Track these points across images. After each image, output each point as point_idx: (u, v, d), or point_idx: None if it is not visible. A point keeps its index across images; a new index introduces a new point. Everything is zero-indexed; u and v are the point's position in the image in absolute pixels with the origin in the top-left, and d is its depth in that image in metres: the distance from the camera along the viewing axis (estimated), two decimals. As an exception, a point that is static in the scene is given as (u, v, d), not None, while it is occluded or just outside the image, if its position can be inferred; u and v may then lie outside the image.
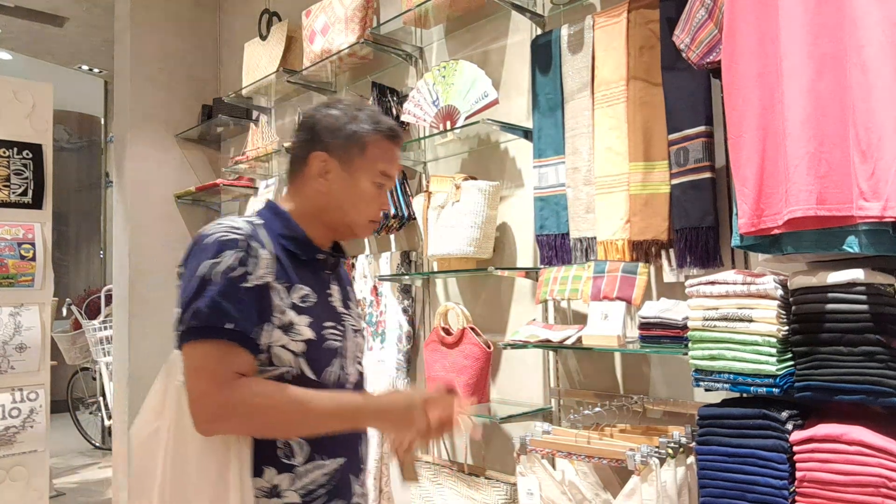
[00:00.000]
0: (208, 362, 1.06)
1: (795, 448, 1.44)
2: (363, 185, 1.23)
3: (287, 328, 1.13)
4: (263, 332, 1.11)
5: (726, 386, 1.54)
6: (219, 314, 1.06)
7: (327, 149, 1.22)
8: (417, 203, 2.42)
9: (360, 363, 1.30)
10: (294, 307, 1.15)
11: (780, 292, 1.48)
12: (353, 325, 1.28)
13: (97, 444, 6.10)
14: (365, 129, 1.23)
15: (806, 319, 1.45)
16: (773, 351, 1.46)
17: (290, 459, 1.14)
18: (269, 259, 1.13)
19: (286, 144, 2.93)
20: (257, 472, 1.12)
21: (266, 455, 1.13)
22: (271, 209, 1.25)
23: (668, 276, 1.93)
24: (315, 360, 1.16)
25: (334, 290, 1.27)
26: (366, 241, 2.96)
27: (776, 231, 1.46)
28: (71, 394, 6.32)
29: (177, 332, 1.09)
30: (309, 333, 1.15)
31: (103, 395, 5.51)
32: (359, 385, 1.29)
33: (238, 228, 1.13)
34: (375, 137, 1.23)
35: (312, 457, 1.15)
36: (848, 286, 1.39)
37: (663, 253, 1.91)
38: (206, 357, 1.06)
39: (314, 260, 1.24)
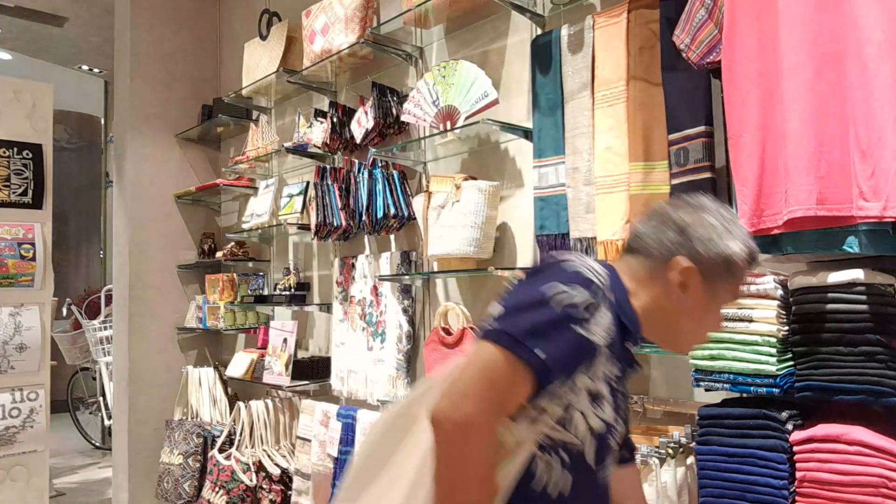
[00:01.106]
0: (495, 374, 0.95)
1: (795, 448, 1.44)
2: (713, 308, 1.11)
3: (595, 398, 1.03)
4: (568, 387, 1.00)
5: (726, 386, 1.54)
6: (537, 338, 0.95)
7: (695, 260, 1.07)
8: (417, 203, 2.42)
9: (607, 466, 1.13)
10: (607, 380, 1.04)
11: (780, 292, 1.48)
12: (617, 430, 1.13)
13: (97, 444, 6.10)
14: (739, 251, 1.08)
15: (806, 319, 1.45)
16: (773, 351, 1.46)
17: None
18: (610, 324, 1.02)
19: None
20: None
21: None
22: (615, 278, 1.10)
23: (668, 276, 1.92)
24: (600, 448, 1.06)
25: (623, 386, 1.14)
26: (366, 240, 2.96)
27: (776, 231, 1.46)
28: (71, 394, 6.32)
29: (487, 326, 0.99)
30: (609, 416, 1.05)
31: (103, 395, 5.51)
32: (608, 487, 1.14)
33: (599, 275, 1.03)
34: (744, 263, 1.09)
35: None
36: (848, 286, 1.39)
37: (663, 253, 1.91)
38: (497, 367, 0.95)
39: (628, 349, 1.12)
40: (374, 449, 1.11)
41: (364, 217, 2.62)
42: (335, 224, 2.74)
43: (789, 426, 1.46)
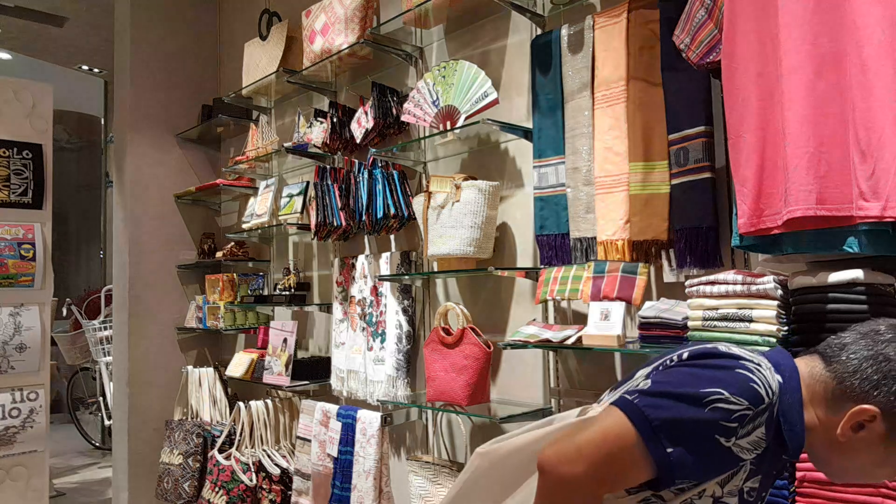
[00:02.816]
0: (616, 450, 0.90)
1: (795, 448, 1.44)
2: (888, 465, 0.98)
3: (716, 501, 0.98)
4: (695, 487, 0.96)
5: (726, 386, 1.54)
6: (673, 434, 0.89)
7: (884, 407, 0.95)
8: (417, 203, 2.42)
9: None
10: (740, 493, 0.99)
11: (780, 292, 1.48)
12: None
13: (97, 444, 6.11)
14: None
15: (806, 319, 1.45)
16: (773, 351, 1.46)
17: None
18: (762, 437, 0.94)
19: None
20: None
21: None
22: (793, 382, 1.00)
23: (668, 276, 1.93)
24: None
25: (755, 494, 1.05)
26: (366, 240, 2.96)
27: (776, 231, 1.46)
28: (71, 394, 6.33)
29: (629, 397, 0.94)
30: None
31: (103, 395, 5.51)
32: None
33: (770, 390, 0.94)
34: None
35: None
36: (848, 286, 1.39)
37: (663, 253, 1.91)
38: (621, 444, 0.90)
39: (779, 461, 1.02)
40: (494, 471, 1.07)
41: (364, 217, 2.62)
42: (335, 224, 2.74)
43: (789, 426, 1.46)
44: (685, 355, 1.01)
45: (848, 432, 0.97)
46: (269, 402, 3.19)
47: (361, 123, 2.72)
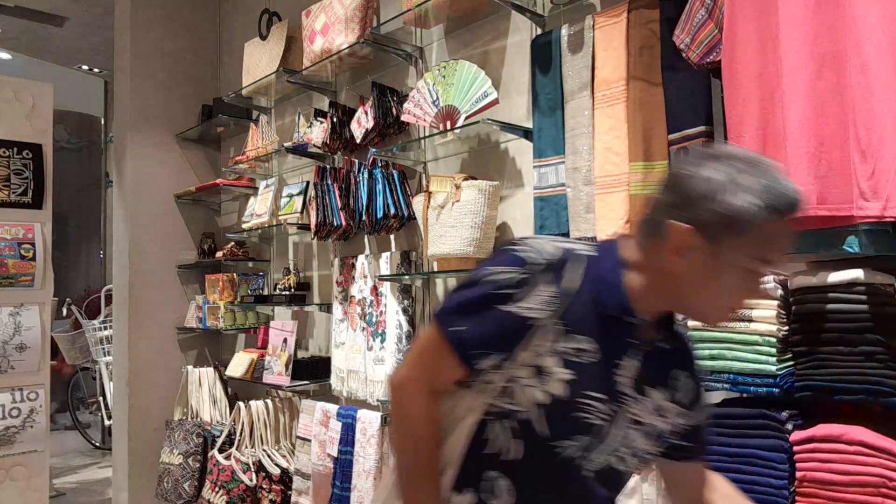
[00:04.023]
0: (428, 352, 1.08)
1: (795, 448, 1.44)
2: (729, 271, 0.95)
3: (539, 371, 1.01)
4: (510, 361, 1.02)
5: (726, 386, 1.54)
6: (460, 315, 1.04)
7: (694, 221, 0.94)
8: (417, 203, 2.42)
9: (620, 458, 1.07)
10: (562, 356, 1.01)
11: (780, 292, 1.48)
12: (633, 415, 1.05)
13: (97, 444, 6.10)
14: (747, 206, 0.91)
15: (806, 319, 1.45)
16: (773, 351, 1.46)
17: (491, 498, 1.07)
18: (554, 298, 0.99)
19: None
20: (457, 487, 1.10)
21: (472, 477, 1.08)
22: (612, 251, 1.05)
23: (668, 276, 1.92)
24: (554, 421, 1.02)
25: (630, 365, 1.04)
26: (366, 240, 2.96)
27: (776, 231, 1.46)
28: (71, 394, 6.33)
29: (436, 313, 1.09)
30: (560, 389, 1.01)
31: (103, 395, 5.51)
32: (600, 478, 1.07)
33: (539, 251, 1.02)
34: (762, 217, 0.91)
35: None
36: (848, 286, 1.39)
37: (663, 253, 1.91)
38: (428, 346, 1.08)
39: (623, 322, 1.03)
40: None
41: (364, 217, 2.62)
42: (335, 224, 2.74)
43: (789, 426, 1.46)
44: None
45: (676, 262, 0.97)
46: (269, 402, 3.19)
47: (361, 123, 2.72)
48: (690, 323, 1.60)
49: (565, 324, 1.00)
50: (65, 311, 5.72)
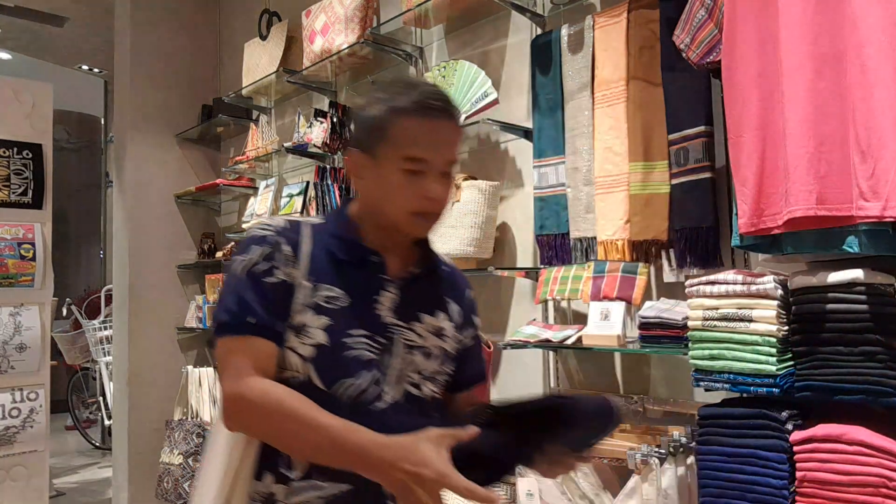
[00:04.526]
0: (231, 357, 1.04)
1: (795, 448, 1.44)
2: (390, 176, 1.06)
3: (299, 330, 1.06)
4: (287, 333, 1.07)
5: (726, 386, 1.54)
6: (242, 309, 1.04)
7: (356, 143, 1.11)
8: (417, 203, 2.42)
9: (414, 384, 1.13)
10: (315, 307, 1.07)
11: (780, 292, 1.48)
12: (407, 341, 1.12)
13: (97, 444, 6.10)
14: (381, 109, 1.06)
15: (806, 319, 1.45)
16: (773, 351, 1.46)
17: (289, 471, 1.07)
18: (297, 257, 1.08)
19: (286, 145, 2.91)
20: (258, 476, 1.08)
21: (269, 460, 1.08)
22: (339, 209, 1.20)
23: (668, 276, 1.93)
24: (326, 368, 1.06)
25: (387, 298, 1.11)
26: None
27: (776, 231, 1.46)
28: (71, 394, 6.33)
29: (213, 325, 1.08)
30: (321, 337, 1.06)
31: (103, 395, 5.51)
32: (402, 408, 1.11)
33: (269, 225, 1.11)
34: (394, 116, 1.05)
35: (310, 474, 1.07)
36: (848, 286, 1.39)
37: (663, 253, 1.91)
38: (229, 352, 1.04)
39: (365, 263, 1.12)
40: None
41: (364, 217, 2.62)
42: (335, 224, 2.74)
43: (789, 426, 1.46)
44: None
45: (357, 182, 1.12)
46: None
47: (361, 123, 2.72)
48: (690, 323, 1.60)
49: (311, 280, 1.08)
50: (65, 311, 5.72)
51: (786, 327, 1.48)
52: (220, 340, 1.05)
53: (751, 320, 1.50)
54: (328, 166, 2.85)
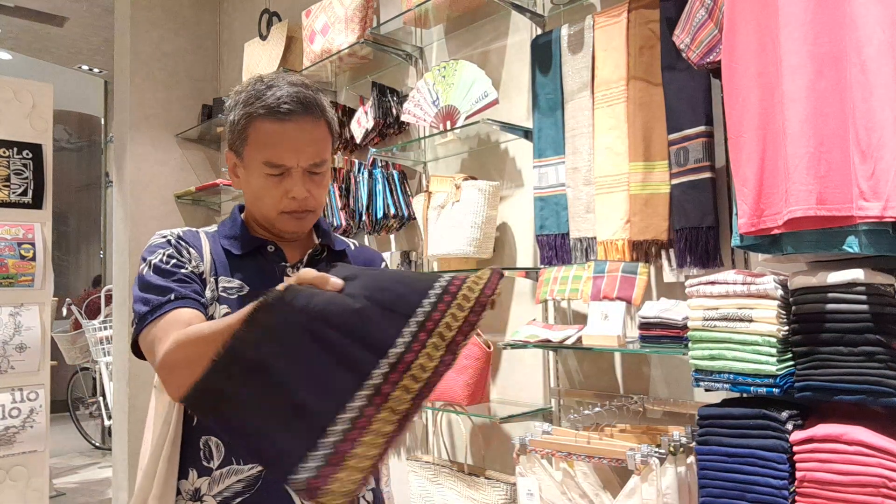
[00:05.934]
0: (157, 344, 1.01)
1: (795, 448, 1.44)
2: (256, 179, 1.11)
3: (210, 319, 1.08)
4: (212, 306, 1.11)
5: (726, 386, 1.54)
6: (158, 294, 1.05)
7: (229, 145, 1.15)
8: (417, 203, 2.42)
9: None
10: (217, 299, 1.11)
11: (780, 292, 1.48)
12: None
13: (97, 444, 6.10)
14: (239, 113, 1.10)
15: (806, 319, 1.45)
16: (773, 351, 1.46)
17: (209, 462, 1.08)
18: (201, 257, 1.14)
19: None
20: (183, 474, 1.09)
21: (190, 457, 1.09)
22: (231, 214, 1.24)
23: (668, 276, 1.93)
24: None
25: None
26: (366, 240, 2.96)
27: (776, 231, 1.46)
28: (71, 394, 6.32)
29: (134, 329, 1.09)
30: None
31: (103, 395, 5.51)
32: None
33: (170, 232, 1.16)
34: (250, 121, 1.08)
35: (228, 460, 1.08)
36: (848, 286, 1.39)
37: (663, 253, 1.91)
38: (154, 340, 1.02)
39: (262, 253, 1.17)
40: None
41: (364, 217, 2.62)
42: (335, 224, 2.74)
43: (789, 426, 1.46)
44: None
45: (235, 182, 1.17)
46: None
47: (361, 123, 2.72)
48: (690, 323, 1.60)
49: (213, 276, 1.13)
50: (65, 311, 5.72)
51: (786, 327, 1.48)
52: (143, 333, 1.05)
53: (751, 320, 1.50)
54: (328, 166, 2.85)
